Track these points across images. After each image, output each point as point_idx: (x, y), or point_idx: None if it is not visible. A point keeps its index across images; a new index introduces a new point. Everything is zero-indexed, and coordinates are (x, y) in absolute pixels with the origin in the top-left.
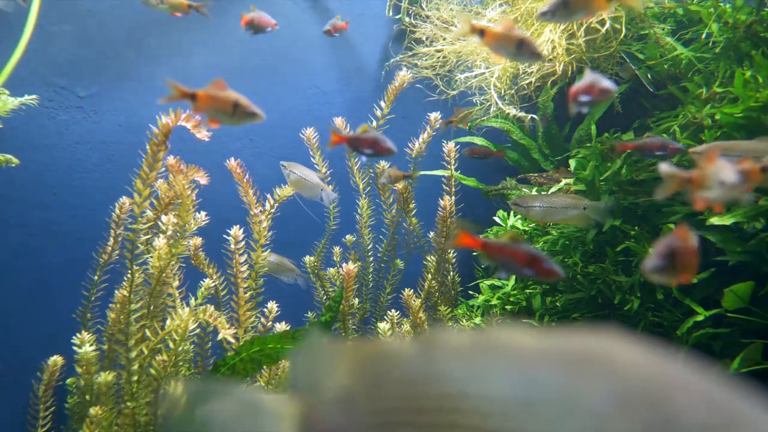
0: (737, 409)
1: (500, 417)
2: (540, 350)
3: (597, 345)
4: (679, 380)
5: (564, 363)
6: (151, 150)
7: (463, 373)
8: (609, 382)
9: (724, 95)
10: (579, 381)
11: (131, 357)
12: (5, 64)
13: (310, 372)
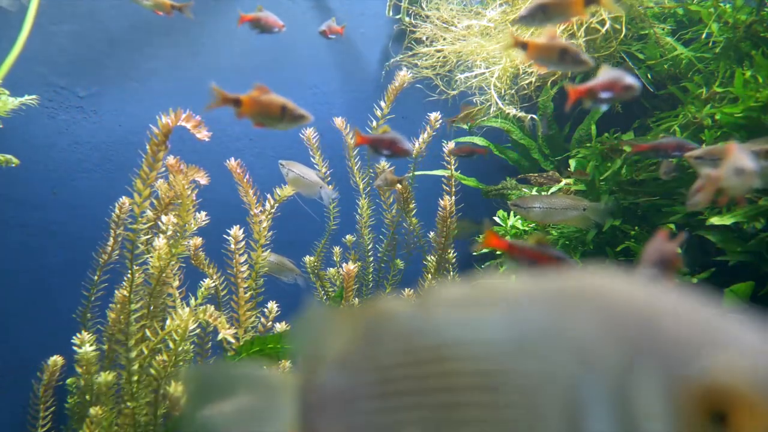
0: (722, 328)
1: (494, 359)
2: (531, 292)
3: (586, 281)
4: (667, 305)
5: (553, 300)
6: (151, 150)
7: (457, 322)
8: (596, 313)
9: (724, 95)
10: (567, 315)
11: (131, 357)
12: (2, 63)
13: (310, 340)
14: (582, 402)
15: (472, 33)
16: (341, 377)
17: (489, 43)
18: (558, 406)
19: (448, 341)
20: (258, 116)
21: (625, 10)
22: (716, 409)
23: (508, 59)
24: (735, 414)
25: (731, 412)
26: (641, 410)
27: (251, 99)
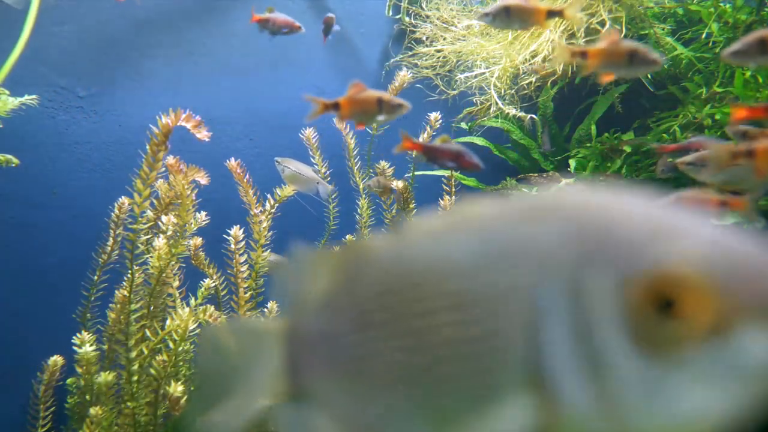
0: (673, 223)
1: (462, 278)
2: (496, 211)
3: (547, 197)
4: (623, 208)
5: (515, 216)
6: (151, 150)
7: (428, 248)
8: (554, 223)
9: (724, 95)
10: (527, 228)
11: (131, 357)
12: (4, 63)
13: (294, 285)
14: (541, 309)
15: (472, 33)
16: (324, 317)
17: (489, 43)
18: (519, 315)
19: (419, 268)
20: (357, 115)
21: (625, 10)
22: (663, 298)
23: (508, 59)
24: (681, 300)
25: (678, 298)
26: (595, 311)
27: (349, 100)
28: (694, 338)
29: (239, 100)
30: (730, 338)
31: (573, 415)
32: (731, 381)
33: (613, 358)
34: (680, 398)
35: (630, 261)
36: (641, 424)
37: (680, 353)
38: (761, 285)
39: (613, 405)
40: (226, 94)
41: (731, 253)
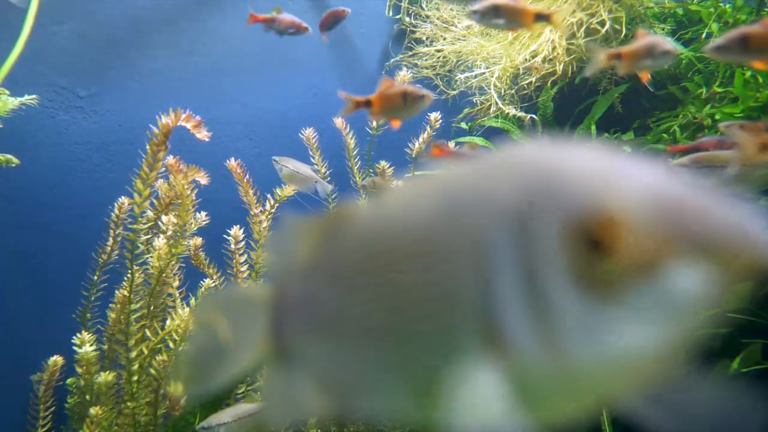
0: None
1: (425, 232)
2: (461, 171)
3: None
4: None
5: (476, 173)
6: (151, 150)
7: (398, 212)
8: (508, 176)
9: (724, 95)
10: (485, 182)
11: (131, 357)
12: (4, 63)
13: (283, 252)
14: (491, 258)
15: (472, 33)
16: (306, 281)
17: (489, 43)
18: (474, 267)
19: (389, 231)
20: (387, 111)
21: (625, 10)
22: (598, 238)
23: (508, 59)
24: (614, 240)
25: (611, 238)
26: (539, 255)
27: (379, 96)
28: (627, 277)
29: (239, 100)
30: (660, 276)
31: (523, 359)
32: (662, 316)
33: (556, 301)
34: (617, 336)
35: (569, 204)
36: (584, 363)
37: (616, 292)
38: (690, 224)
39: (558, 346)
40: (226, 94)
41: (664, 195)
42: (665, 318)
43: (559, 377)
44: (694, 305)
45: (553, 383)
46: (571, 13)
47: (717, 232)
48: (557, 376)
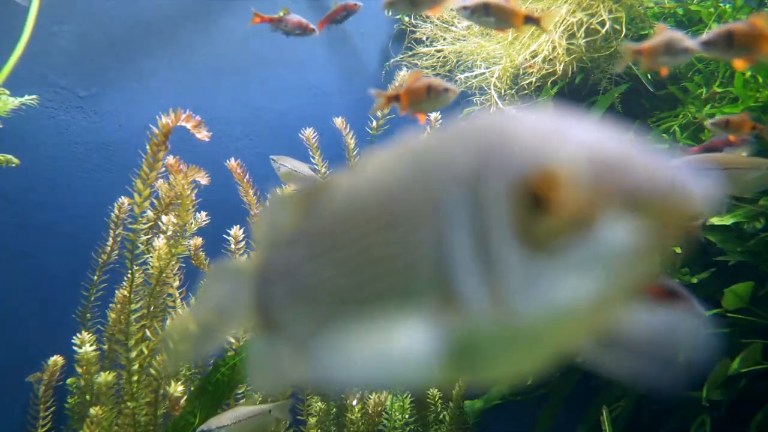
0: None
1: (390, 199)
2: (427, 138)
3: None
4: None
5: (437, 140)
6: (151, 150)
7: (371, 177)
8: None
9: (724, 95)
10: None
11: (131, 357)
12: (5, 63)
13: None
14: (447, 219)
15: (472, 33)
16: (287, 252)
17: (489, 44)
18: (431, 227)
19: (359, 194)
20: (412, 105)
21: (625, 10)
22: (538, 195)
23: (508, 59)
24: (552, 196)
25: (549, 194)
26: (488, 213)
27: (406, 90)
28: (566, 231)
29: (239, 100)
30: (597, 229)
31: (474, 316)
32: (598, 269)
33: (503, 257)
34: (557, 289)
35: (513, 164)
36: (527, 317)
37: (556, 246)
38: (624, 178)
39: (504, 302)
40: (225, 94)
41: (600, 151)
42: (603, 270)
43: (508, 333)
44: (630, 257)
45: (503, 339)
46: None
47: (650, 186)
48: (506, 331)
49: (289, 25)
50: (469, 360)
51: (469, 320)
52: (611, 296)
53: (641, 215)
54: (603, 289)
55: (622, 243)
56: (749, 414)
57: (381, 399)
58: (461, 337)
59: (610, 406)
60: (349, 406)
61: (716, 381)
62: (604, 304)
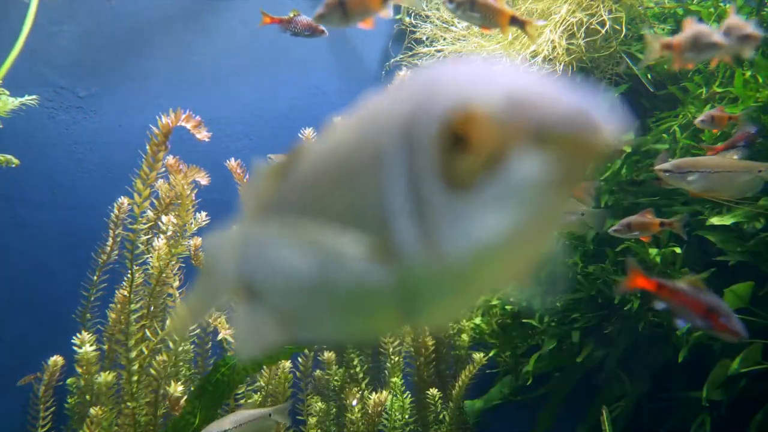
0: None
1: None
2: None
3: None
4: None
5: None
6: (151, 150)
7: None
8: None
9: (724, 95)
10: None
11: (131, 357)
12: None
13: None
14: (386, 166)
15: (472, 33)
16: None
17: (489, 44)
18: (374, 176)
19: (322, 158)
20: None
21: (625, 10)
22: (456, 134)
23: (509, 59)
24: (469, 135)
25: (466, 133)
26: (418, 156)
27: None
28: (483, 168)
29: (239, 100)
30: (509, 164)
31: (408, 259)
32: (513, 203)
33: (430, 199)
34: (478, 227)
35: (438, 107)
36: (451, 255)
37: (475, 185)
38: (532, 113)
39: (432, 243)
40: (225, 94)
41: (515, 89)
42: (518, 204)
43: (440, 274)
44: (542, 189)
45: (437, 281)
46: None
47: (556, 119)
48: (438, 273)
49: (299, 27)
50: (411, 303)
51: (406, 264)
52: (529, 230)
53: (550, 148)
54: (520, 222)
55: (533, 176)
56: (749, 414)
57: (381, 399)
58: (402, 282)
59: (610, 406)
60: (349, 406)
61: (716, 381)
62: (524, 239)
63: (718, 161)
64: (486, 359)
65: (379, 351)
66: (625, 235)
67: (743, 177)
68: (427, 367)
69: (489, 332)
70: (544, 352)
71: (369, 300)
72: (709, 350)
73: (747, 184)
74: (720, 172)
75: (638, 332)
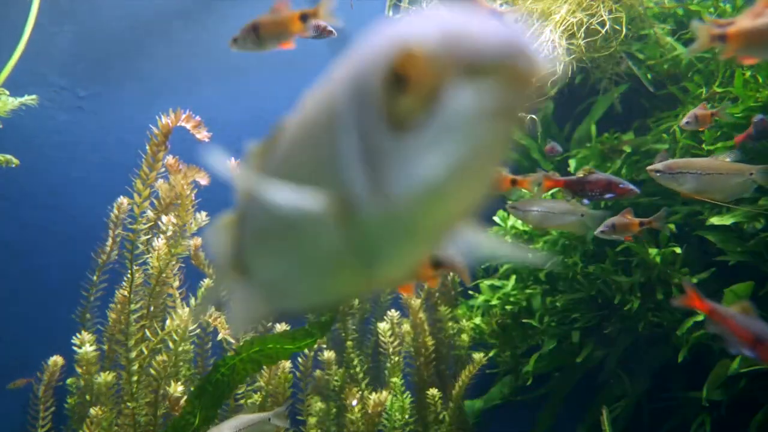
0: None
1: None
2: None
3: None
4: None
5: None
6: (150, 150)
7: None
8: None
9: (724, 95)
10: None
11: (131, 357)
12: (5, 64)
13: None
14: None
15: None
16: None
17: None
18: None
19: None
20: None
21: (625, 10)
22: (397, 76)
23: None
24: (407, 74)
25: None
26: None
27: None
28: (422, 106)
29: (239, 101)
30: (446, 99)
31: (358, 206)
32: (453, 138)
33: (377, 144)
34: (421, 165)
35: (383, 52)
36: (399, 197)
37: (416, 125)
38: (464, 47)
39: (381, 187)
40: (225, 94)
41: (449, 27)
42: (457, 139)
43: (392, 219)
44: (479, 122)
45: (390, 227)
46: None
47: (491, 50)
48: (390, 218)
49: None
50: (369, 255)
51: (360, 214)
52: (472, 164)
53: (483, 78)
54: (462, 157)
55: (470, 107)
56: (749, 414)
57: (381, 399)
58: (358, 233)
59: (610, 406)
60: (348, 406)
61: (716, 381)
62: (467, 173)
63: (709, 163)
64: (486, 359)
65: (379, 351)
66: (611, 236)
67: (735, 179)
68: (427, 367)
69: (489, 332)
70: (544, 352)
71: (331, 257)
72: (709, 350)
73: (739, 186)
74: (711, 174)
75: (638, 332)
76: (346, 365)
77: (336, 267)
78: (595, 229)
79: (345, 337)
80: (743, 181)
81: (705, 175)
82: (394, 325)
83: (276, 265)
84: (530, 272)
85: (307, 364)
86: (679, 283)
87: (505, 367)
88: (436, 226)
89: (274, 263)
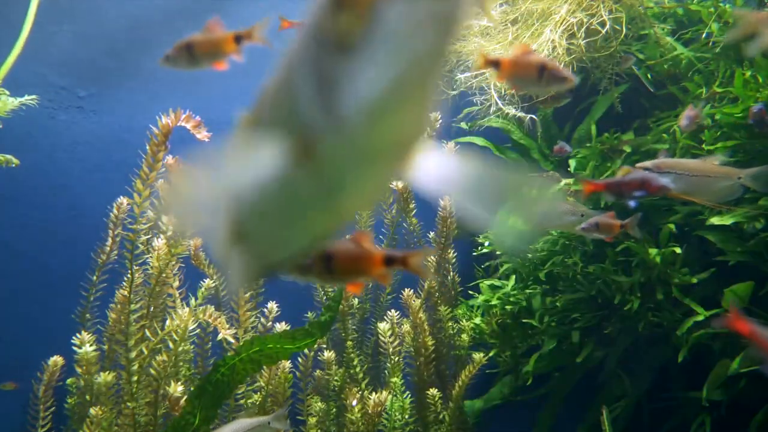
0: None
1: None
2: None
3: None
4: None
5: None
6: (150, 150)
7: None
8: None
9: (724, 95)
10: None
11: (131, 357)
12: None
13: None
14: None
15: (472, 33)
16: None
17: (489, 44)
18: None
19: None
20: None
21: (625, 10)
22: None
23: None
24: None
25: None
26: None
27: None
28: (359, 23)
29: (239, 100)
30: (379, 15)
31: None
32: (392, 50)
33: (327, 68)
34: (366, 82)
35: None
36: (350, 118)
37: (356, 43)
38: None
39: (331, 110)
40: (226, 94)
41: None
42: (401, 49)
43: (347, 143)
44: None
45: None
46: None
47: None
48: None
49: None
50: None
51: (321, 145)
52: (414, 75)
53: None
54: (404, 68)
55: (403, 20)
56: (749, 414)
57: (381, 399)
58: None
59: (610, 406)
60: (348, 406)
61: (716, 381)
62: (412, 85)
63: (698, 165)
64: (486, 359)
65: (379, 351)
66: (592, 234)
67: (723, 182)
68: (427, 367)
69: (489, 332)
70: (544, 352)
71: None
72: (709, 350)
73: (726, 189)
74: (699, 176)
75: (638, 332)
76: (346, 365)
77: (309, 206)
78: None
79: (345, 337)
80: (731, 185)
81: (692, 176)
82: (394, 325)
83: (254, 217)
84: (530, 272)
85: (307, 364)
86: (680, 283)
87: (505, 367)
88: (391, 146)
89: (252, 216)
